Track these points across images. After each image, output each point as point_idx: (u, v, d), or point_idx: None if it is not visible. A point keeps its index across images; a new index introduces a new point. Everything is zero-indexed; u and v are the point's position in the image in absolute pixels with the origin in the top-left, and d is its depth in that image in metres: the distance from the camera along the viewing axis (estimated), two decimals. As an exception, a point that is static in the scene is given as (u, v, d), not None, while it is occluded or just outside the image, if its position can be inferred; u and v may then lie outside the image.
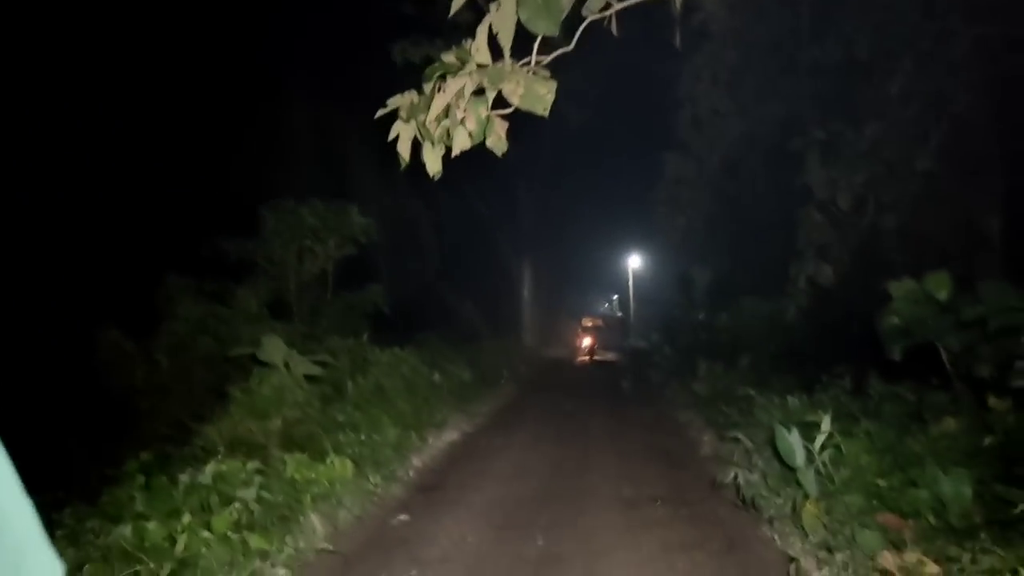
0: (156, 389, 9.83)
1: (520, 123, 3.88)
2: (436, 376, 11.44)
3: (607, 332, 30.67)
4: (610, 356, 28.88)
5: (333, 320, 12.71)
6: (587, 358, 28.33)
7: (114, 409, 9.56)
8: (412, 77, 3.99)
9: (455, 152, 3.95)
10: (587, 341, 29.37)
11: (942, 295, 6.21)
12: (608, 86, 23.94)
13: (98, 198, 13.27)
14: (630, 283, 37.14)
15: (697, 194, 17.25)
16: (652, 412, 12.80)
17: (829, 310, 11.27)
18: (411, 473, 7.76)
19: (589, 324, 30.64)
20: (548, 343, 34.44)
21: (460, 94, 3.77)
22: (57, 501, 5.82)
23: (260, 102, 18.11)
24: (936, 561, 3.78)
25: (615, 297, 43.59)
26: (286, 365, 8.25)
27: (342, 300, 13.25)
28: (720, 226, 17.49)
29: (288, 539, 4.92)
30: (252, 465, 5.52)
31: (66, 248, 12.31)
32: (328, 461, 6.02)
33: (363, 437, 7.46)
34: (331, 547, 5.27)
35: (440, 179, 3.91)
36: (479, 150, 3.94)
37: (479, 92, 3.73)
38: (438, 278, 22.86)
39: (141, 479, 5.34)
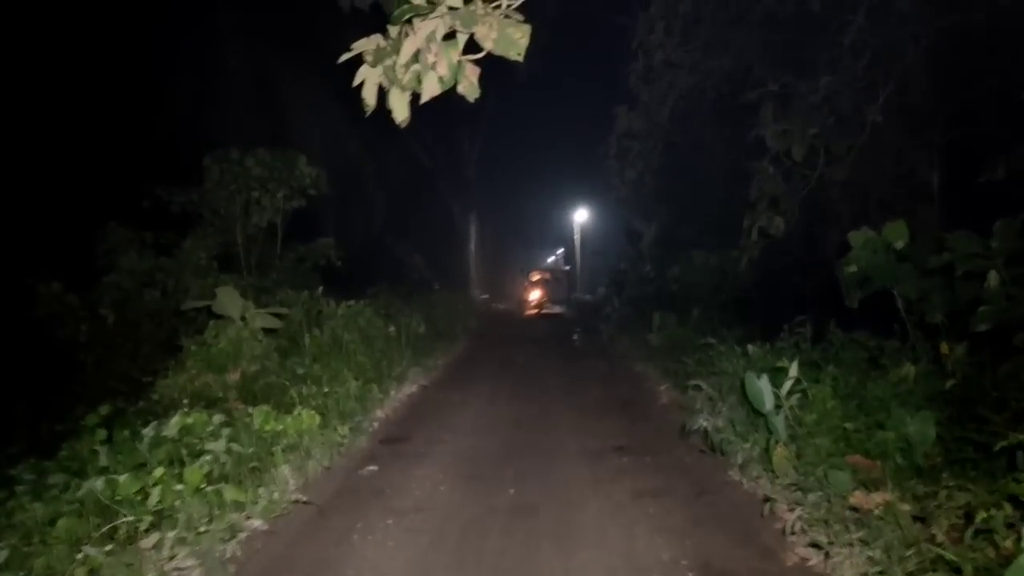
0: (101, 343, 9.50)
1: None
2: (391, 329, 11.34)
3: (555, 285, 30.81)
4: (557, 309, 29.09)
5: (283, 273, 12.45)
6: (536, 311, 28.49)
7: (57, 364, 9.22)
8: (360, 22, 3.86)
9: (424, 98, 3.83)
10: (535, 294, 29.50)
11: (900, 244, 6.37)
12: (556, 35, 23.70)
13: (28, 145, 12.61)
14: (577, 237, 37.27)
15: (647, 147, 17.28)
16: (606, 364, 12.96)
17: (779, 261, 11.51)
18: (375, 425, 7.72)
19: (537, 278, 30.71)
20: (496, 297, 34.50)
21: (431, 38, 3.65)
22: (10, 457, 5.63)
23: (194, 44, 17.38)
24: (906, 499, 3.94)
25: (561, 251, 43.75)
26: (243, 318, 8.05)
27: (292, 253, 12.97)
28: (669, 179, 17.58)
29: (262, 491, 4.85)
30: (218, 418, 5.40)
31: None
32: (296, 413, 5.92)
33: (326, 390, 7.37)
34: (304, 498, 5.22)
35: (382, 129, 3.80)
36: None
37: (450, 36, 3.62)
38: (385, 231, 22.56)
39: (103, 433, 5.17)
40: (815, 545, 3.99)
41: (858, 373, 5.88)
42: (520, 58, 3.84)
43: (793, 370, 5.30)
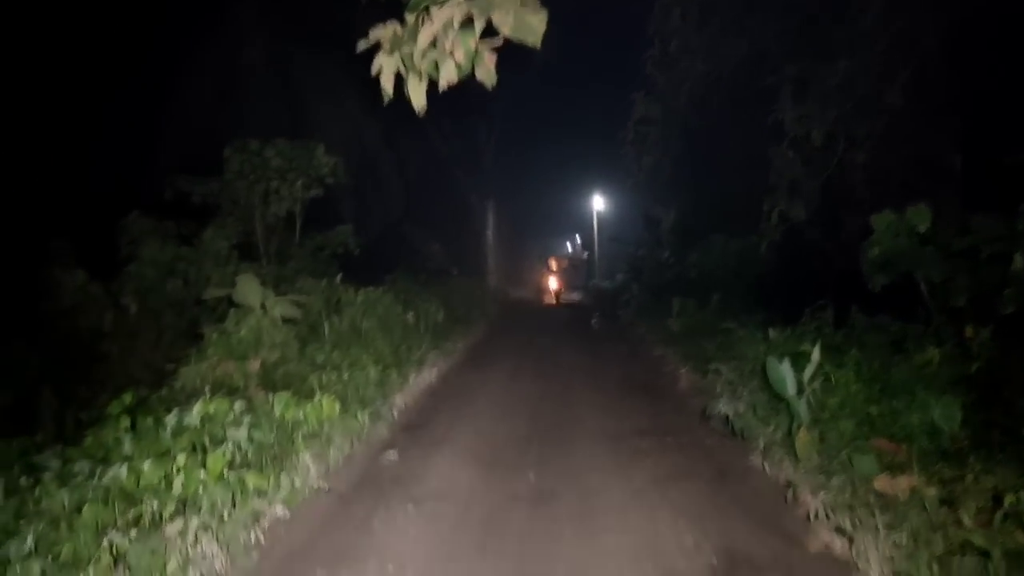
0: (124, 332, 9.56)
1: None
2: (410, 316, 11.36)
3: (572, 272, 30.73)
4: (575, 296, 29.00)
5: (302, 262, 12.50)
6: (554, 300, 28.40)
7: (81, 353, 9.31)
8: (376, 12, 3.82)
9: (442, 85, 3.81)
10: (554, 282, 29.41)
11: (923, 227, 6.29)
12: (574, 22, 23.53)
13: (52, 137, 12.74)
14: (594, 224, 37.08)
15: (664, 133, 17.17)
16: (626, 349, 12.93)
17: (799, 245, 11.41)
18: (395, 412, 7.74)
19: (555, 265, 30.64)
20: (513, 284, 34.46)
21: (448, 24, 3.62)
22: (36, 445, 5.69)
23: (213, 36, 17.45)
24: (932, 483, 3.89)
25: (578, 237, 43.60)
26: (262, 306, 8.09)
27: (311, 241, 13.02)
28: (687, 165, 17.47)
29: (283, 478, 4.87)
30: (240, 406, 5.43)
31: (20, 188, 11.80)
32: (316, 400, 5.94)
33: (345, 377, 7.40)
34: (326, 485, 5.25)
35: (400, 118, 3.79)
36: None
37: (467, 22, 3.60)
38: (403, 219, 22.55)
39: (126, 421, 5.22)
40: (839, 530, 3.96)
41: (881, 357, 5.83)
42: (537, 44, 3.81)
43: (816, 354, 5.26)
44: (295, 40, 18.49)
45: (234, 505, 4.25)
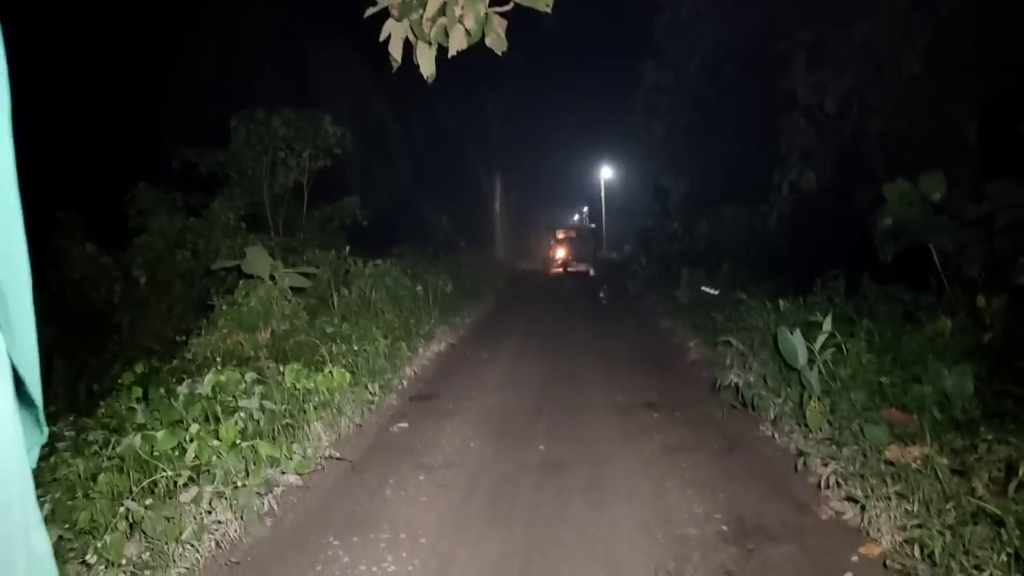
0: (135, 304, 9.61)
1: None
2: (419, 288, 11.36)
3: (580, 243, 30.63)
4: (583, 267, 28.98)
5: (310, 233, 12.51)
6: (561, 270, 28.42)
7: (93, 324, 9.36)
8: None
9: (451, 52, 3.76)
10: (561, 253, 29.40)
11: (936, 196, 6.22)
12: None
13: (60, 109, 12.70)
14: (602, 194, 36.97)
15: (674, 102, 17.01)
16: (634, 320, 12.93)
17: (810, 216, 11.33)
18: (404, 383, 7.77)
19: (562, 236, 30.56)
20: (520, 256, 34.46)
21: (458, -9, 3.58)
22: (51, 415, 5.74)
23: (218, 5, 17.32)
24: (944, 453, 3.88)
25: (585, 209, 43.47)
26: (272, 277, 8.09)
27: (319, 213, 13.00)
28: (697, 134, 17.32)
29: (295, 447, 4.89)
30: (251, 376, 5.45)
31: (27, 160, 11.79)
32: (327, 371, 5.96)
33: (355, 348, 7.41)
34: (337, 454, 5.28)
35: (407, 89, 3.74)
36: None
37: (477, -12, 3.54)
38: (410, 190, 22.50)
39: (138, 391, 5.25)
40: (851, 499, 3.95)
41: (893, 327, 5.80)
42: (548, 8, 3.76)
43: (827, 324, 5.23)
44: (300, 8, 18.34)
45: (247, 473, 4.28)
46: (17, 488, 0.97)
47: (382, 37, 3.90)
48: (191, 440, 4.26)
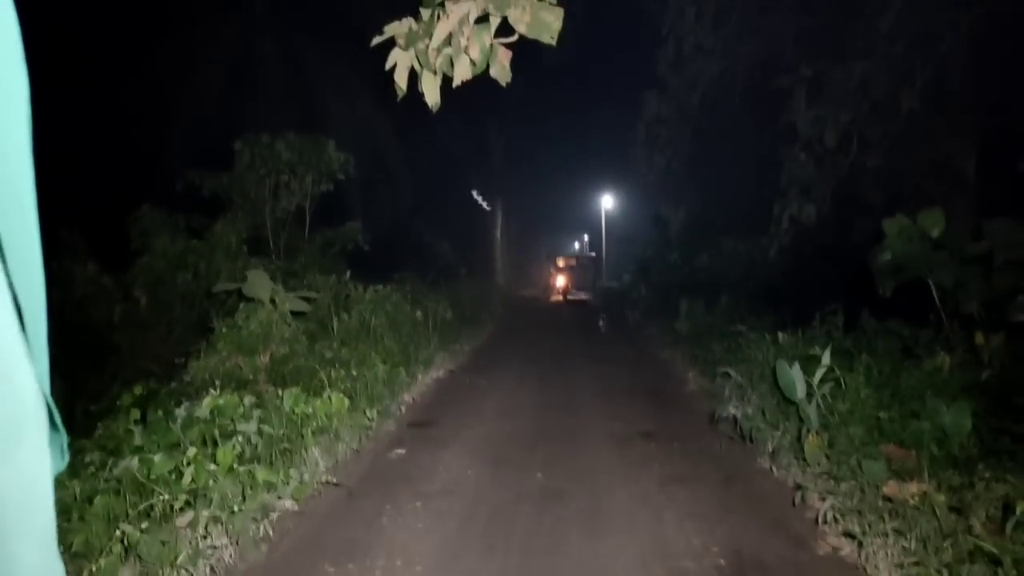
0: (135, 325, 9.63)
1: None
2: (418, 314, 11.38)
3: (580, 272, 30.78)
4: (583, 296, 29.07)
5: (311, 257, 12.54)
6: (561, 297, 28.51)
7: (92, 345, 9.36)
8: (388, 7, 3.85)
9: (456, 82, 3.82)
10: (561, 280, 29.54)
11: (935, 232, 6.26)
12: (584, 21, 23.47)
13: (64, 129, 12.77)
14: (602, 223, 37.09)
15: (676, 133, 17.12)
16: (632, 350, 12.93)
17: (810, 249, 11.38)
18: (403, 409, 7.77)
19: (563, 264, 30.72)
20: (521, 283, 34.55)
21: (463, 21, 3.63)
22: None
23: (225, 29, 17.50)
24: (942, 490, 3.88)
25: (585, 237, 43.62)
26: (272, 301, 8.11)
27: (320, 237, 13.05)
28: (698, 166, 17.44)
29: (292, 472, 4.89)
30: (249, 400, 5.45)
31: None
32: (325, 396, 5.96)
33: (354, 373, 7.41)
34: (334, 480, 5.27)
35: (410, 115, 3.80)
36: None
37: (482, 19, 3.60)
38: (412, 216, 22.60)
39: (136, 413, 5.25)
40: (848, 535, 3.94)
41: (892, 362, 5.82)
42: (553, 41, 3.82)
43: (826, 358, 5.25)
44: (307, 34, 18.54)
45: (244, 498, 4.27)
46: (48, 517, 0.98)
47: (388, 66, 3.96)
48: (188, 463, 4.25)
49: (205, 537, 3.92)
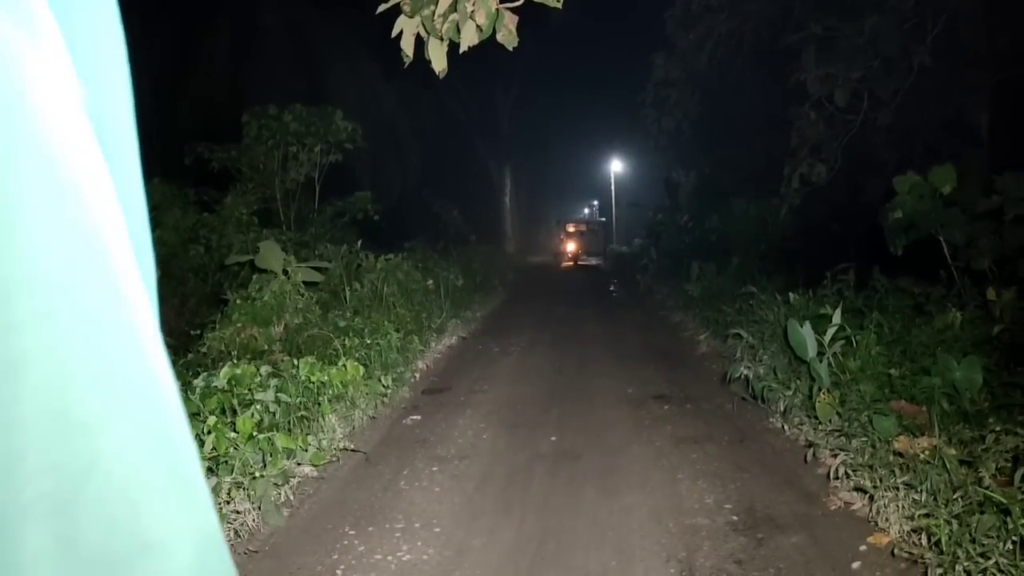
0: (148, 299, 9.71)
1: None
2: (430, 282, 11.43)
3: (590, 237, 30.69)
4: (593, 261, 29.03)
5: (322, 228, 12.58)
6: (571, 263, 28.49)
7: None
8: None
9: (463, 48, 3.82)
10: (571, 246, 29.50)
11: (947, 189, 6.23)
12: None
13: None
14: (612, 188, 36.92)
15: (684, 95, 16.94)
16: (644, 314, 12.97)
17: (821, 209, 11.33)
18: (417, 376, 7.85)
19: (572, 229, 30.64)
20: (531, 250, 34.55)
21: (470, -14, 3.62)
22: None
23: (230, 1, 17.39)
24: (952, 444, 3.92)
25: (595, 203, 43.44)
26: (285, 272, 8.17)
27: (330, 208, 13.08)
28: (708, 128, 17.28)
29: (310, 439, 4.97)
30: (266, 369, 5.53)
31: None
32: (340, 364, 6.03)
33: (367, 341, 7.48)
34: (352, 446, 5.36)
35: (417, 84, 3.79)
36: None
37: (489, -16, 3.59)
38: (421, 185, 22.56)
39: (156, 384, 5.33)
40: (859, 489, 3.99)
41: (903, 320, 5.83)
42: (559, 4, 3.80)
43: (836, 317, 5.26)
44: (312, 3, 18.40)
45: (264, 465, 4.36)
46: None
47: (394, 33, 3.96)
48: (208, 432, 4.33)
49: (228, 502, 4.01)
